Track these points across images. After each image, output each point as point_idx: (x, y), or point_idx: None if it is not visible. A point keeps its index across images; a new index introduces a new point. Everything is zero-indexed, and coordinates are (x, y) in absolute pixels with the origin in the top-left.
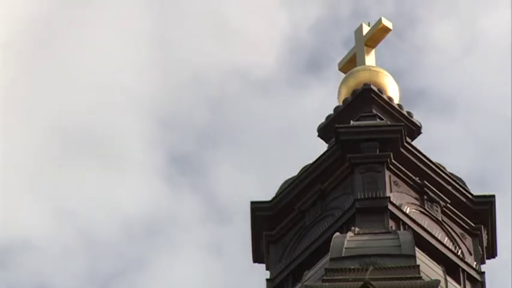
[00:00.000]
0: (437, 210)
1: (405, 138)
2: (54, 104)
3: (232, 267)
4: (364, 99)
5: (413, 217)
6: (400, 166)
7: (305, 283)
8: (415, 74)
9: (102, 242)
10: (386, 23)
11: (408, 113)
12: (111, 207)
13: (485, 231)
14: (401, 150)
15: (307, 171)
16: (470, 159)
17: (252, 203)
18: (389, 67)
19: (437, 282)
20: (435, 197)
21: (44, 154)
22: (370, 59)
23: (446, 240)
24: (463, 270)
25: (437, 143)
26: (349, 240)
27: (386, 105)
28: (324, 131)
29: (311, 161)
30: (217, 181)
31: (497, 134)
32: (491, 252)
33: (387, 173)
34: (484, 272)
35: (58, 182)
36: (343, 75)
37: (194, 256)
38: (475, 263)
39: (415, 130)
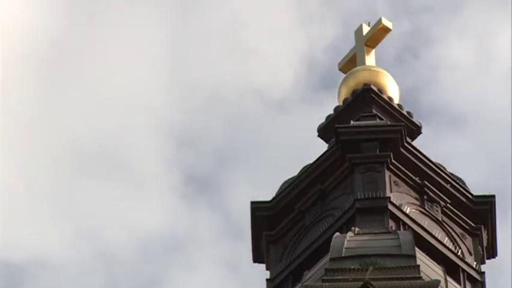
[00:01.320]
0: (437, 210)
1: (405, 138)
2: (73, 124)
3: (248, 284)
4: (364, 99)
5: (414, 217)
6: (400, 166)
7: (305, 283)
8: (430, 92)
9: (120, 260)
10: (386, 23)
11: (408, 113)
12: (128, 226)
13: (485, 231)
14: (402, 150)
15: (307, 171)
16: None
17: (252, 203)
18: (404, 83)
19: (437, 282)
20: (435, 197)
21: (62, 173)
22: (370, 59)
23: (446, 240)
24: (463, 270)
25: (450, 158)
26: (349, 240)
27: (386, 105)
28: (324, 131)
29: (311, 161)
30: (234, 199)
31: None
32: (491, 252)
33: (387, 173)
34: (484, 272)
35: (76, 201)
36: (343, 75)
37: (211, 273)
38: (475, 263)
39: (415, 130)
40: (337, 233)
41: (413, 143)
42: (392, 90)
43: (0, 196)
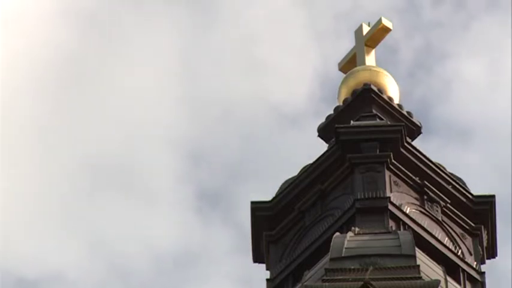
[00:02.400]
0: (437, 210)
1: (405, 138)
2: (87, 139)
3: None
4: (364, 99)
5: (414, 217)
6: (400, 166)
7: (305, 283)
8: (442, 106)
9: (134, 275)
10: (386, 23)
11: (408, 113)
12: (142, 241)
13: (485, 231)
14: (402, 150)
15: (307, 171)
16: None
17: (252, 203)
18: (418, 98)
19: (438, 282)
20: (435, 197)
21: (77, 189)
22: (370, 59)
23: (446, 240)
24: (463, 270)
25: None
26: (349, 240)
27: (386, 105)
28: (324, 131)
29: (311, 161)
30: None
31: None
32: (491, 252)
33: (387, 173)
34: (484, 272)
35: (91, 216)
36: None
37: None
38: (475, 263)
39: (415, 130)
40: (337, 233)
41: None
42: (393, 90)
43: (16, 211)
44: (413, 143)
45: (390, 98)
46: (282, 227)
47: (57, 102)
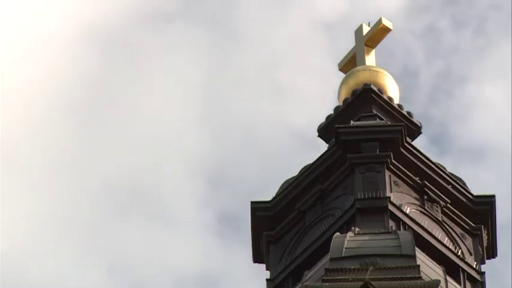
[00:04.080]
0: (437, 210)
1: (405, 138)
2: (109, 163)
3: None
4: (364, 99)
5: (414, 217)
6: (400, 166)
7: (305, 283)
8: (462, 130)
9: None
10: (387, 23)
11: (408, 113)
12: (163, 264)
13: (485, 231)
14: (402, 150)
15: (307, 171)
16: None
17: (252, 203)
18: (438, 122)
19: (438, 282)
20: (435, 197)
21: (99, 212)
22: (370, 59)
23: (446, 240)
24: (463, 270)
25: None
26: (349, 240)
27: (386, 105)
28: (324, 131)
29: (311, 161)
30: None
31: None
32: (491, 252)
33: (387, 173)
34: (484, 272)
35: (112, 239)
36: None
37: None
38: (475, 263)
39: (415, 130)
40: (337, 233)
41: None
42: (393, 90)
43: (37, 234)
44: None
45: (390, 98)
46: (282, 227)
47: (80, 127)
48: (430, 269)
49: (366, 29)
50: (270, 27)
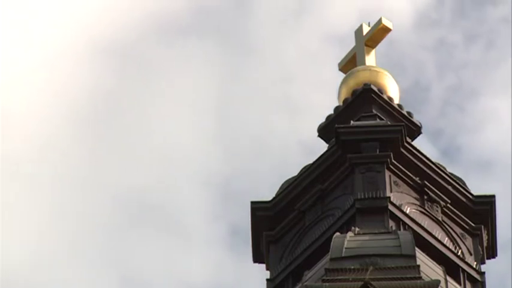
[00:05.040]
0: (437, 210)
1: (405, 138)
2: (122, 176)
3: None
4: (364, 99)
5: (414, 217)
6: (400, 166)
7: (305, 283)
8: (474, 144)
9: None
10: (387, 22)
11: (408, 113)
12: (175, 277)
13: (485, 231)
14: (402, 150)
15: (307, 171)
16: None
17: (252, 203)
18: (449, 136)
19: (438, 282)
20: (435, 197)
21: (111, 226)
22: (370, 59)
23: (446, 240)
24: (463, 270)
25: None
26: (349, 240)
27: (386, 105)
28: (324, 131)
29: (311, 161)
30: None
31: None
32: (491, 252)
33: (387, 173)
34: (484, 272)
35: (125, 252)
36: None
37: None
38: (475, 263)
39: (415, 130)
40: (337, 233)
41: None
42: (393, 90)
43: (51, 246)
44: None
45: (390, 98)
46: (282, 227)
47: (94, 140)
48: (430, 269)
49: (366, 29)
50: (282, 41)
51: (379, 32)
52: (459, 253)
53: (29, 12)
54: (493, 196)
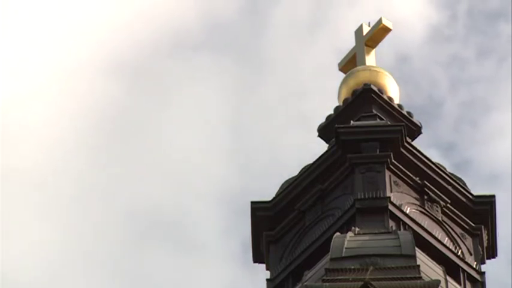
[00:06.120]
0: (437, 210)
1: (405, 138)
2: (136, 192)
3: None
4: (364, 99)
5: (414, 217)
6: (401, 166)
7: (305, 283)
8: (487, 159)
9: None
10: (387, 22)
11: (408, 113)
12: None
13: (486, 231)
14: (402, 150)
15: (307, 171)
16: None
17: (252, 203)
18: (461, 151)
19: (438, 282)
20: (435, 197)
21: (125, 242)
22: (370, 59)
23: (446, 240)
24: (463, 270)
25: None
26: (350, 240)
27: (386, 105)
28: (324, 131)
29: (311, 161)
30: None
31: None
32: (491, 252)
33: (387, 173)
34: (484, 272)
35: (137, 268)
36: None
37: None
38: (475, 263)
39: (415, 130)
40: (338, 233)
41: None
42: (393, 90)
43: (64, 263)
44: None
45: (390, 98)
46: (282, 227)
47: (109, 157)
48: (430, 269)
49: (366, 29)
50: (296, 57)
51: (379, 32)
52: (459, 253)
53: (43, 29)
54: (493, 196)
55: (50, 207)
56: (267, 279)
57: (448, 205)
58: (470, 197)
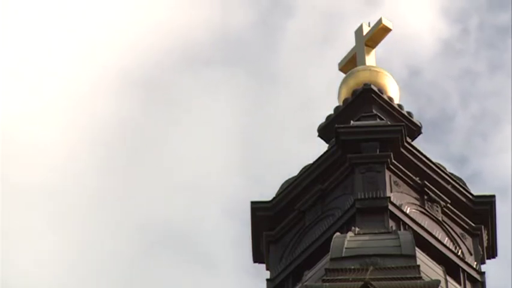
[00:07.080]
0: (437, 210)
1: (405, 138)
2: (145, 205)
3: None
4: (365, 99)
5: (414, 217)
6: (401, 166)
7: (305, 283)
8: (498, 172)
9: None
10: (387, 22)
11: (408, 113)
12: None
13: (486, 231)
14: (402, 150)
15: (307, 171)
16: None
17: (252, 203)
18: (473, 164)
19: (438, 282)
20: (435, 197)
21: (136, 254)
22: (370, 59)
23: (446, 240)
24: (463, 270)
25: None
26: (350, 240)
27: (386, 105)
28: (324, 131)
29: (311, 161)
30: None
31: None
32: (491, 252)
33: (387, 173)
34: (484, 272)
35: (150, 281)
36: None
37: None
38: (475, 263)
39: (415, 130)
40: (338, 233)
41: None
42: (393, 90)
43: (79, 276)
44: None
45: (390, 98)
46: (282, 227)
47: (121, 170)
48: (430, 269)
49: (366, 29)
50: (308, 70)
51: (379, 32)
52: (459, 253)
53: (55, 44)
54: (493, 196)
55: (61, 222)
56: (267, 279)
57: (448, 205)
58: (470, 197)
